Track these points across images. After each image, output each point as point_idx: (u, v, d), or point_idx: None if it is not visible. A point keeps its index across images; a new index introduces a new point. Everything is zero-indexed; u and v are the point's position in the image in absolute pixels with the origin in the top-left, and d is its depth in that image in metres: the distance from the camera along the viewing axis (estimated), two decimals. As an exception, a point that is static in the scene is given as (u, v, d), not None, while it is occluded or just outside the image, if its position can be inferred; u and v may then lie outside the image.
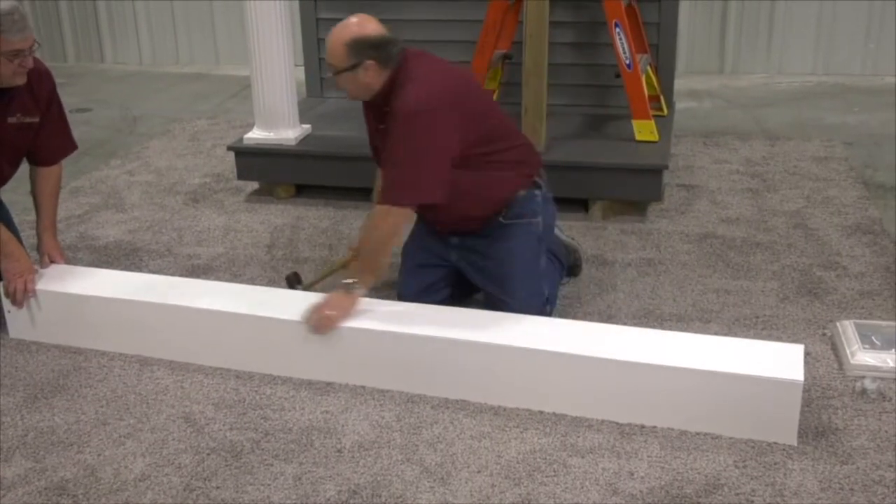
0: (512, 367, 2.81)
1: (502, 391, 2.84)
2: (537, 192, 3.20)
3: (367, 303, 3.14)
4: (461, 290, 3.35)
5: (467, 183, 3.02)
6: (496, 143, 3.08)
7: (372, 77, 2.93)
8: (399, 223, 2.98)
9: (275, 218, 4.47)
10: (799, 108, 6.14)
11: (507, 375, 2.82)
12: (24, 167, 3.47)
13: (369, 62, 2.89)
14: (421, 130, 2.87)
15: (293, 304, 3.10)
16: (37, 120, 3.31)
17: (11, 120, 3.24)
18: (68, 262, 3.55)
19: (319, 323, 2.94)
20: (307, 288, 3.44)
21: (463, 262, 3.25)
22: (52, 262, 3.45)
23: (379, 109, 3.02)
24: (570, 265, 3.60)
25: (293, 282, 3.51)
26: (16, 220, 3.67)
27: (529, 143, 3.32)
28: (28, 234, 4.18)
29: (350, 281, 3.00)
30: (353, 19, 2.97)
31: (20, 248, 3.31)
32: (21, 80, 3.14)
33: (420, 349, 2.88)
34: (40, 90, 3.30)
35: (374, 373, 2.95)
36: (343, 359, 2.97)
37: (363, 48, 2.89)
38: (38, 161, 3.46)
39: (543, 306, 3.18)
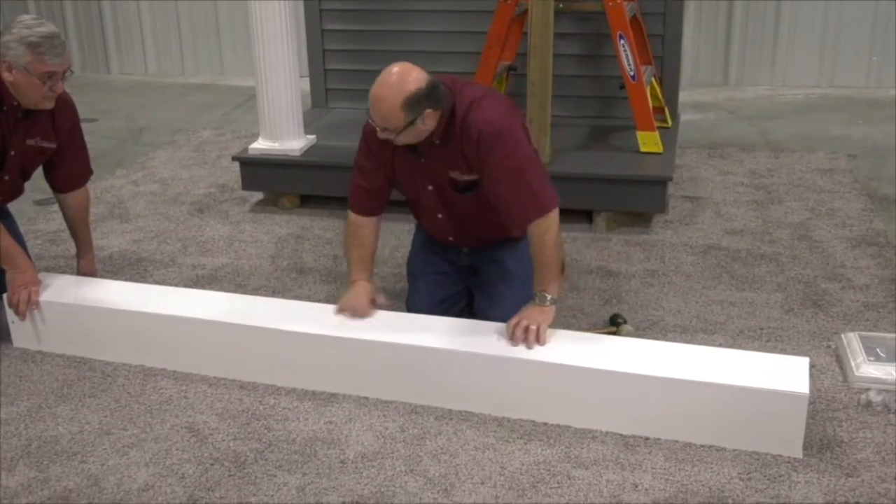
0: (515, 378, 2.80)
1: (506, 402, 2.83)
2: None
3: (371, 314, 3.14)
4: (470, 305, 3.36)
5: None
6: None
7: (430, 123, 2.87)
8: (557, 222, 2.93)
9: (279, 228, 4.47)
10: (803, 120, 6.15)
11: (510, 386, 2.82)
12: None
13: (426, 111, 2.83)
14: (518, 141, 2.89)
15: (297, 315, 3.10)
16: (53, 146, 3.37)
17: (30, 142, 3.30)
18: (74, 272, 3.57)
19: (527, 336, 2.83)
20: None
21: (473, 261, 3.27)
22: None
23: (426, 146, 2.96)
24: None
25: (616, 322, 3.36)
26: (21, 229, 3.68)
27: None
28: (33, 244, 4.19)
29: (545, 295, 2.90)
30: (394, 73, 2.78)
31: (26, 258, 3.32)
32: (49, 105, 3.20)
33: (424, 360, 2.88)
34: (62, 120, 3.36)
35: (377, 383, 2.95)
36: (347, 369, 2.97)
37: (418, 101, 2.79)
38: (56, 187, 3.53)
39: None
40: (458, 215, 3.12)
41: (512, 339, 2.85)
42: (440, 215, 3.14)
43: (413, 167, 3.05)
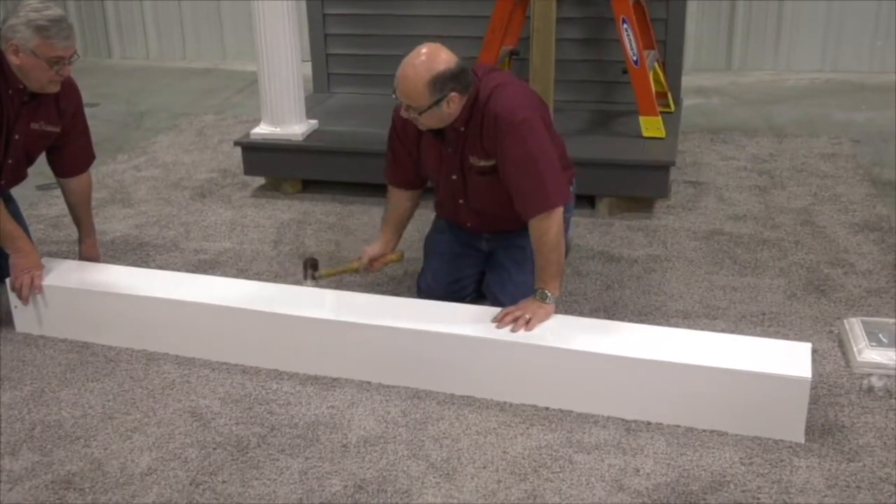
0: (518, 363, 2.80)
1: (508, 387, 2.83)
2: (570, 200, 3.20)
3: (374, 299, 3.14)
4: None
5: None
6: (558, 148, 3.06)
7: (454, 107, 2.87)
8: (561, 222, 2.91)
9: (281, 213, 4.47)
10: (807, 105, 6.13)
11: (512, 371, 2.82)
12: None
13: (452, 94, 2.83)
14: (535, 132, 2.86)
15: (300, 300, 3.10)
16: (57, 130, 3.36)
17: (34, 126, 3.29)
18: (75, 257, 3.57)
19: (517, 325, 2.84)
20: (318, 279, 3.36)
21: (493, 247, 3.28)
22: None
23: (452, 133, 2.97)
24: None
25: (308, 267, 3.36)
26: (23, 213, 3.67)
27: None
28: (36, 229, 4.19)
29: (546, 292, 2.90)
30: (424, 52, 2.82)
31: (29, 243, 3.32)
32: (55, 89, 3.20)
33: (426, 345, 2.88)
34: (66, 104, 3.35)
35: (380, 368, 2.95)
36: (349, 354, 2.98)
37: (444, 83, 2.80)
38: (59, 172, 3.52)
39: None
40: (478, 203, 3.13)
41: (498, 323, 2.86)
42: (461, 201, 3.15)
43: (438, 155, 3.06)
